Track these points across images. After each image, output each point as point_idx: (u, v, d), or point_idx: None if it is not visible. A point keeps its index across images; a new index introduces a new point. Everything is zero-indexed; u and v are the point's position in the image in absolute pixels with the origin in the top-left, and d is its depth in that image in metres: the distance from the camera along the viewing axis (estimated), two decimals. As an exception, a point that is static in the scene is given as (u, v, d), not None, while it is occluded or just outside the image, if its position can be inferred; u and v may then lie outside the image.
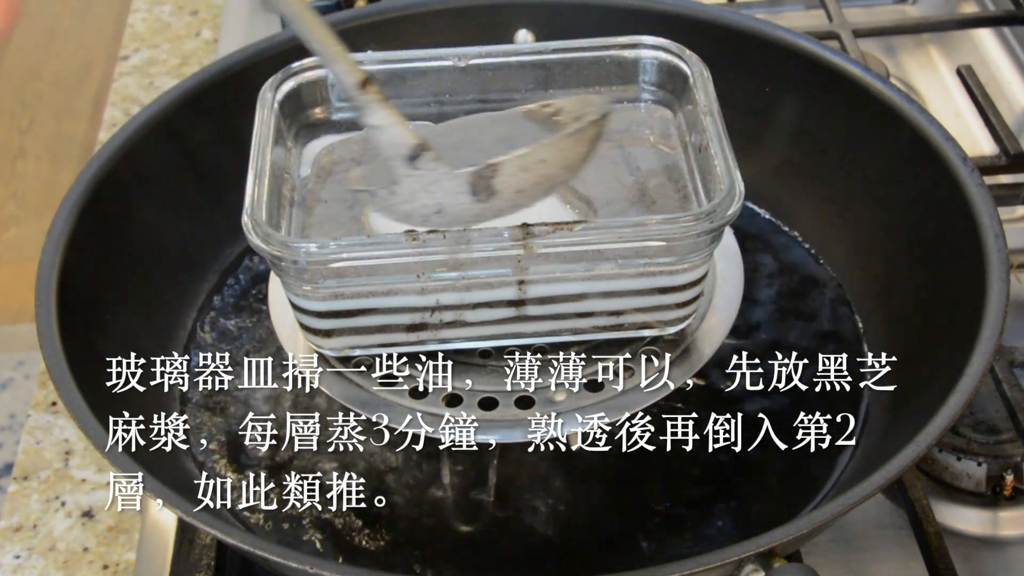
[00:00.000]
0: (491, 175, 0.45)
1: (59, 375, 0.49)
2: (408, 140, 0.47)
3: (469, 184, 0.45)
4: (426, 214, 0.47)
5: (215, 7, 0.98)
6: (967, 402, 0.47)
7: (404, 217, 0.47)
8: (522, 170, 0.45)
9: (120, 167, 0.59)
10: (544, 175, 0.46)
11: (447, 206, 0.46)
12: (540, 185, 0.46)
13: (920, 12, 0.93)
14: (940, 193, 0.56)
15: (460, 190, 0.46)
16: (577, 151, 0.47)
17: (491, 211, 0.46)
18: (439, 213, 0.46)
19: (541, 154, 0.46)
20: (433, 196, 0.46)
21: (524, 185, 0.46)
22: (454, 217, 0.46)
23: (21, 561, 0.60)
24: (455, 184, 0.46)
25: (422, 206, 0.46)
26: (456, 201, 0.46)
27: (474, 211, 0.46)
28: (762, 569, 0.43)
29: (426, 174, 0.46)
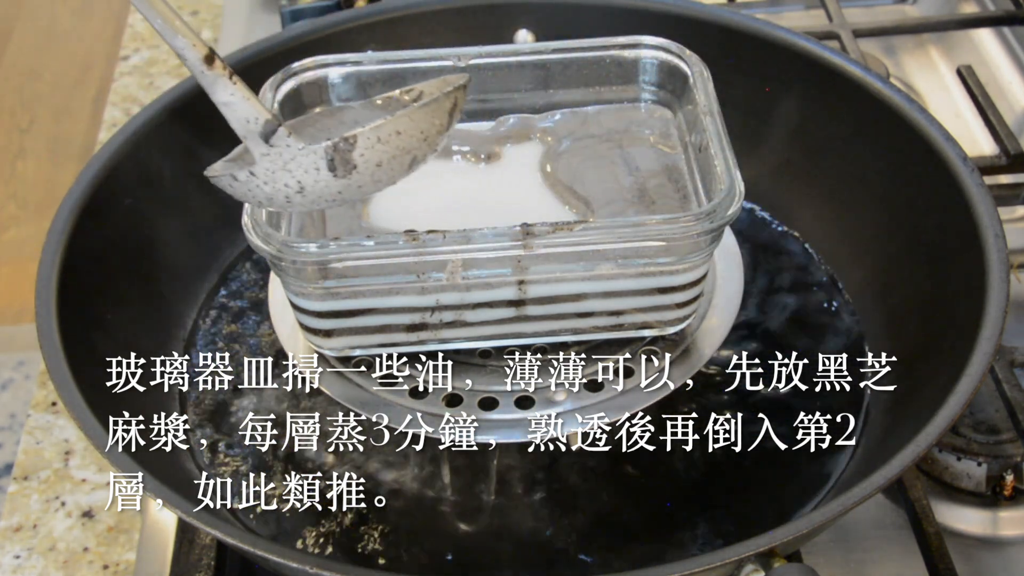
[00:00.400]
0: (348, 148, 0.44)
1: (59, 375, 0.49)
2: (261, 115, 0.45)
3: (327, 159, 0.44)
4: (288, 194, 0.45)
5: (215, 7, 0.98)
6: (967, 402, 0.47)
7: (267, 199, 0.46)
8: (379, 142, 0.45)
9: (120, 167, 0.59)
10: (401, 147, 0.45)
11: (307, 184, 0.45)
12: (398, 159, 0.46)
13: (920, 12, 0.93)
14: (940, 193, 0.56)
15: (318, 166, 0.45)
16: (434, 122, 0.46)
17: (352, 187, 0.46)
18: (300, 192, 0.45)
19: (397, 125, 0.45)
20: (292, 175, 0.45)
21: (382, 158, 0.45)
22: (316, 195, 0.45)
23: (21, 561, 0.60)
24: (312, 160, 0.45)
25: (283, 186, 0.45)
26: (316, 178, 0.45)
27: (335, 188, 0.45)
28: (762, 569, 0.43)
29: (283, 151, 0.45)
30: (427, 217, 0.52)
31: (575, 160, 0.55)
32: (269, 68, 0.55)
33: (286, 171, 0.45)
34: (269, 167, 0.45)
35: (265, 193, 0.46)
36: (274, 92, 0.54)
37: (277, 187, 0.45)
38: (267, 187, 0.45)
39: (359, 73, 0.56)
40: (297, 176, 0.45)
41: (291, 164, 0.45)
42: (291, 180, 0.45)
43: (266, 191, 0.46)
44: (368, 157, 0.45)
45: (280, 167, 0.45)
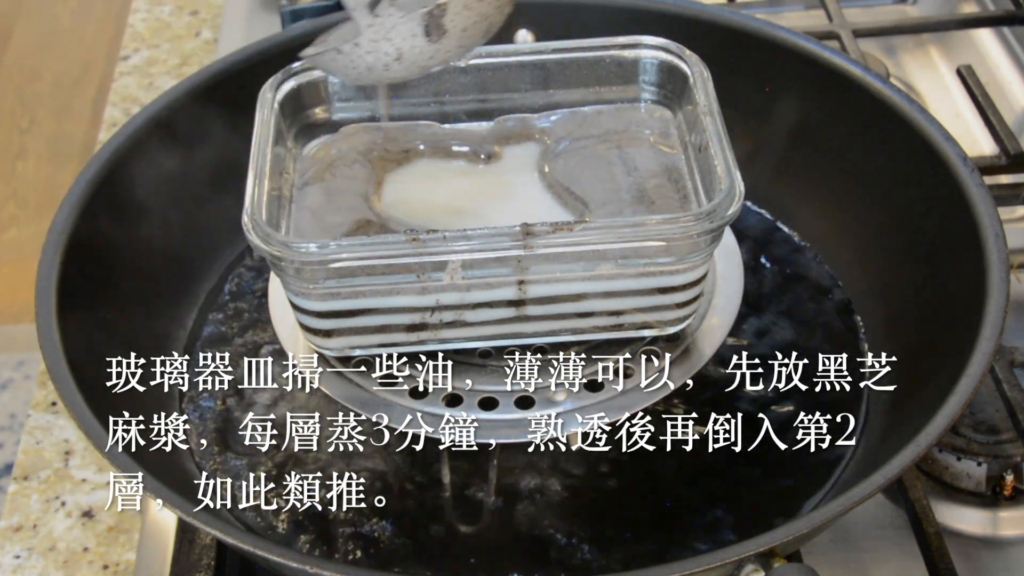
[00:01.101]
0: (440, 14, 0.49)
1: (59, 375, 0.49)
2: None
3: (423, 25, 0.49)
4: (387, 62, 0.50)
5: (215, 7, 0.98)
6: (967, 402, 0.47)
7: (367, 69, 0.50)
8: (466, 8, 0.49)
9: (120, 167, 0.59)
10: (482, 13, 0.50)
11: (405, 51, 0.49)
12: (478, 25, 0.50)
13: (920, 12, 0.93)
14: (940, 193, 0.56)
15: (416, 32, 0.49)
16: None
17: (440, 53, 0.50)
18: (398, 59, 0.50)
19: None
20: (392, 42, 0.49)
21: (467, 23, 0.49)
22: (411, 61, 0.50)
23: (21, 561, 0.60)
24: (411, 27, 0.49)
25: (383, 55, 0.49)
26: (413, 44, 0.49)
27: (428, 53, 0.50)
28: (762, 569, 0.43)
29: (385, 20, 0.49)
30: (427, 217, 0.52)
31: (573, 160, 0.55)
32: (269, 68, 0.55)
33: (387, 40, 0.49)
34: (373, 36, 0.49)
35: (366, 63, 0.50)
36: (274, 92, 0.54)
37: (378, 56, 0.50)
38: (369, 56, 0.50)
39: (359, 73, 0.56)
40: (396, 43, 0.49)
41: (391, 32, 0.49)
42: (391, 48, 0.49)
43: (367, 60, 0.50)
44: (456, 22, 0.49)
45: (382, 36, 0.49)
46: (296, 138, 0.55)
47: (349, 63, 0.50)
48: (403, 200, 0.53)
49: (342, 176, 0.54)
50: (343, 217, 0.52)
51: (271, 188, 0.50)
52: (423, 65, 0.50)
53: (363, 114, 0.57)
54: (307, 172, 0.54)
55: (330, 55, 0.50)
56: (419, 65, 0.50)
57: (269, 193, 0.49)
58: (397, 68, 0.50)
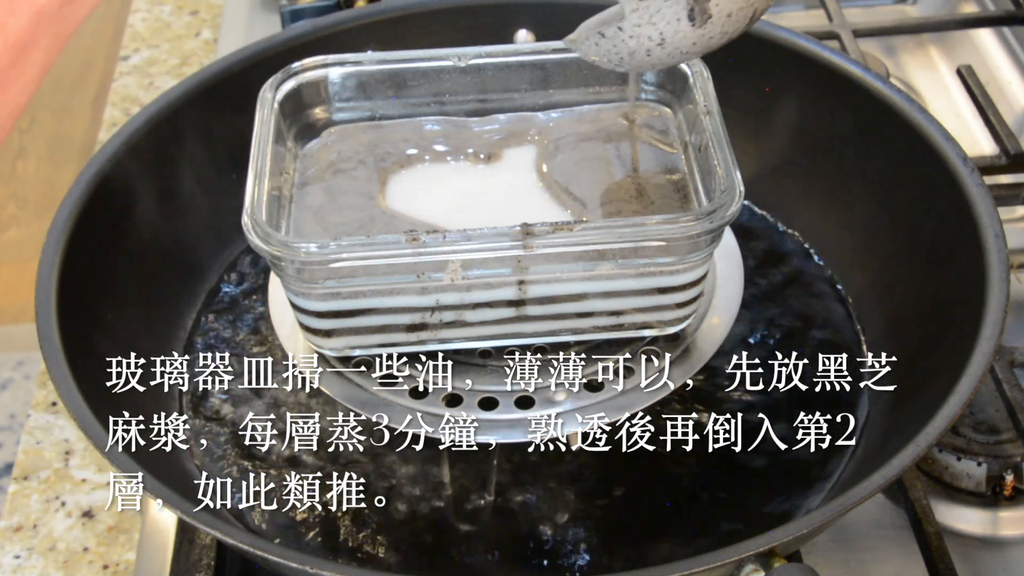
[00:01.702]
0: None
1: (59, 375, 0.49)
2: None
3: (688, 9, 0.48)
4: (649, 47, 0.49)
5: (215, 7, 0.98)
6: (967, 402, 0.47)
7: (629, 54, 0.49)
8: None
9: (120, 167, 0.59)
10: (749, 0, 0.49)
11: (668, 35, 0.48)
12: (744, 11, 0.49)
13: (920, 12, 0.93)
14: (940, 193, 0.56)
15: (679, 16, 0.48)
16: None
17: (704, 39, 0.49)
18: (661, 44, 0.49)
19: None
20: (656, 27, 0.48)
21: (732, 8, 0.48)
22: (673, 47, 0.49)
23: (21, 561, 0.60)
24: (676, 10, 0.48)
25: (646, 39, 0.49)
26: (676, 28, 0.48)
27: (691, 39, 0.49)
28: (762, 569, 0.43)
29: (650, 4, 0.48)
30: (431, 216, 0.52)
31: (573, 160, 0.55)
32: (269, 68, 0.55)
33: (651, 24, 0.48)
34: (637, 21, 0.48)
35: (628, 48, 0.49)
36: (274, 92, 0.54)
37: (640, 40, 0.49)
38: (632, 41, 0.49)
39: (359, 73, 0.56)
40: (660, 28, 0.48)
41: (656, 16, 0.48)
42: (654, 32, 0.48)
43: (630, 45, 0.49)
44: (722, 7, 0.48)
45: (647, 20, 0.48)
46: (296, 138, 0.55)
47: (611, 48, 0.50)
48: (406, 199, 0.53)
49: (344, 176, 0.54)
50: (346, 216, 0.52)
51: (271, 188, 0.50)
52: (685, 51, 0.49)
53: (363, 114, 0.57)
54: (307, 172, 0.54)
55: (593, 39, 0.50)
56: (681, 51, 0.49)
57: (269, 193, 0.49)
58: (659, 53, 0.49)
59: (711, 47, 0.50)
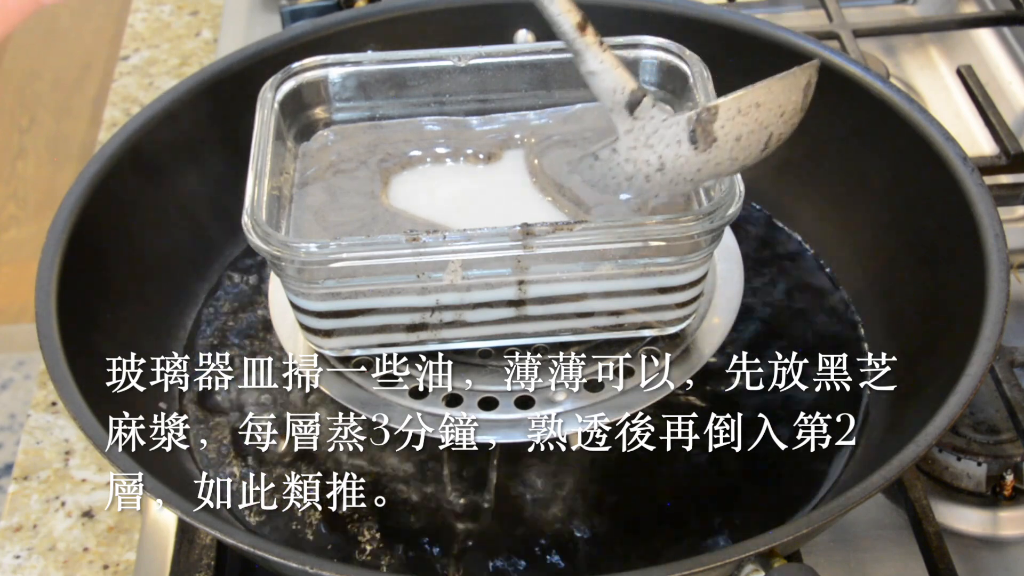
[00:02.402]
0: (710, 119, 0.44)
1: (59, 375, 0.49)
2: (627, 84, 0.46)
3: (689, 130, 0.44)
4: (648, 172, 0.46)
5: (215, 7, 0.98)
6: (967, 402, 0.47)
7: (626, 180, 0.46)
8: (740, 114, 0.44)
9: (120, 167, 0.59)
10: (760, 121, 0.45)
11: (667, 159, 0.45)
12: (756, 135, 0.45)
13: (920, 12, 0.93)
14: (940, 193, 0.56)
15: (680, 138, 0.44)
16: (791, 98, 0.45)
17: (710, 165, 0.45)
18: (660, 170, 0.45)
19: (756, 97, 0.45)
20: (654, 150, 0.45)
21: (742, 131, 0.44)
22: (674, 173, 0.45)
23: (21, 561, 0.60)
24: (675, 132, 0.45)
25: (644, 163, 0.45)
26: (677, 152, 0.45)
27: (694, 165, 0.45)
28: (762, 569, 0.43)
29: (646, 125, 0.45)
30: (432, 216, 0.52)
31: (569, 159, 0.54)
32: (269, 68, 0.55)
33: (648, 147, 0.45)
34: (631, 143, 0.45)
35: (625, 172, 0.46)
36: (274, 92, 0.54)
37: (638, 165, 0.46)
38: (627, 165, 0.46)
39: (359, 73, 0.56)
40: (659, 151, 0.45)
41: (653, 138, 0.45)
42: (652, 156, 0.45)
43: (626, 170, 0.46)
44: (728, 130, 0.44)
45: (643, 142, 0.45)
46: (296, 138, 0.55)
47: (607, 172, 0.46)
48: (408, 199, 0.53)
49: (345, 175, 0.54)
50: (347, 215, 0.52)
51: (271, 188, 0.50)
52: (689, 178, 0.45)
53: (363, 114, 0.57)
54: (307, 171, 0.54)
55: (587, 162, 0.47)
56: (685, 178, 0.45)
57: (269, 193, 0.49)
58: (659, 180, 0.45)
59: (719, 175, 0.46)
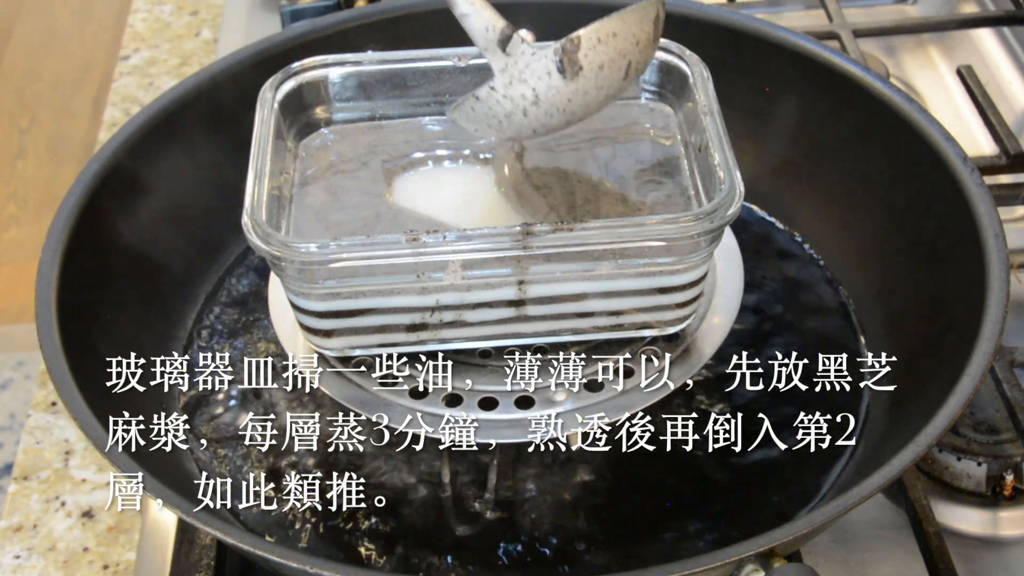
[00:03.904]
0: (574, 49, 0.47)
1: (59, 375, 0.49)
2: (497, 23, 0.49)
3: (556, 60, 0.47)
4: (524, 106, 0.48)
5: (215, 7, 0.98)
6: (967, 402, 0.47)
7: (506, 117, 0.49)
8: (600, 42, 0.48)
9: (120, 167, 0.59)
10: (618, 49, 0.48)
11: (540, 91, 0.48)
12: (616, 63, 0.48)
13: (920, 12, 0.93)
14: (940, 193, 0.56)
15: (550, 69, 0.48)
16: (643, 28, 0.49)
17: (580, 93, 0.48)
18: (536, 103, 0.48)
19: (611, 26, 0.48)
20: (527, 83, 0.48)
21: (603, 59, 0.48)
22: (549, 104, 0.48)
23: (21, 561, 0.60)
24: (544, 64, 0.48)
25: (520, 97, 0.48)
26: (548, 84, 0.48)
27: (565, 94, 0.48)
28: (762, 569, 0.43)
29: (518, 60, 0.48)
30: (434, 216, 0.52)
31: (567, 159, 0.54)
32: (269, 68, 0.55)
33: (522, 81, 0.48)
34: (506, 80, 0.48)
35: (504, 109, 0.49)
36: (274, 92, 0.54)
37: (515, 100, 0.48)
38: (505, 102, 0.49)
39: (359, 73, 0.56)
40: (532, 84, 0.48)
41: (526, 72, 0.48)
42: (527, 90, 0.48)
43: (505, 107, 0.49)
44: (591, 58, 0.47)
45: (516, 77, 0.48)
46: (296, 138, 0.55)
47: (488, 111, 0.49)
48: (409, 199, 0.53)
49: (345, 175, 0.54)
50: (349, 214, 0.52)
51: (271, 188, 0.50)
52: (561, 109, 0.48)
53: (363, 114, 0.57)
54: (307, 171, 0.54)
55: (469, 104, 0.50)
56: (558, 108, 0.48)
57: (269, 193, 0.49)
58: (535, 114, 0.48)
59: (589, 106, 0.49)
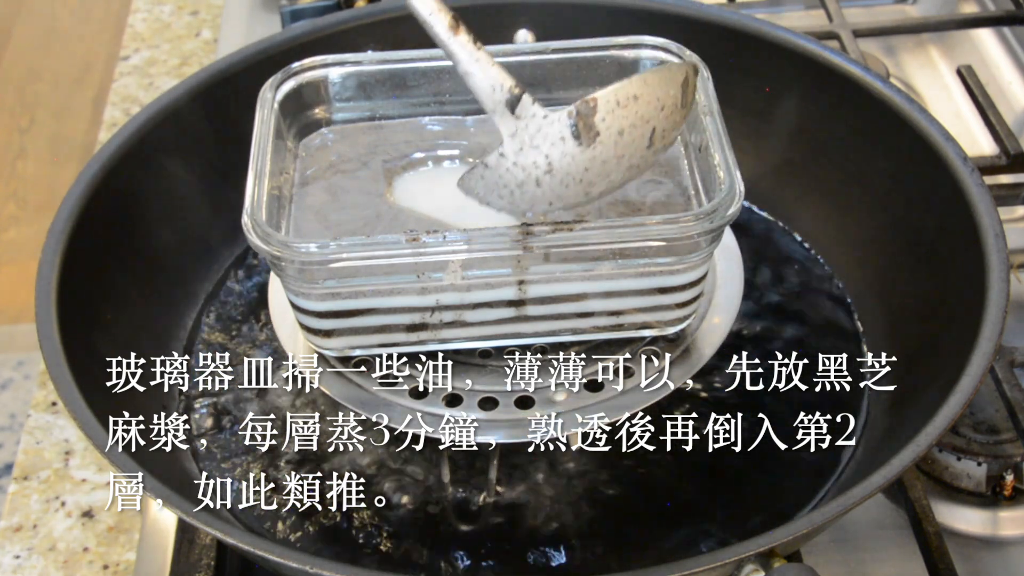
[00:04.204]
0: (589, 113, 0.44)
1: (59, 375, 0.49)
2: (505, 82, 0.46)
3: (571, 124, 0.44)
4: (537, 175, 0.45)
5: (215, 7, 0.98)
6: (967, 402, 0.47)
7: (518, 186, 0.45)
8: (619, 106, 0.44)
9: (120, 167, 0.59)
10: (640, 114, 0.45)
11: (554, 158, 0.45)
12: (639, 128, 0.45)
13: (920, 12, 0.93)
14: (940, 193, 0.56)
15: (563, 135, 0.44)
16: (668, 91, 0.46)
17: (597, 163, 0.45)
18: (549, 172, 0.45)
19: (632, 89, 0.45)
20: (539, 149, 0.45)
21: (623, 125, 0.44)
22: (564, 173, 0.45)
23: (21, 561, 0.60)
24: (558, 128, 0.44)
25: (532, 164, 0.45)
26: (562, 150, 0.44)
27: (582, 162, 0.44)
28: (762, 569, 0.43)
29: (529, 124, 0.45)
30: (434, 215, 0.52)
31: None
32: (269, 68, 0.55)
33: (533, 147, 0.45)
34: (517, 146, 0.45)
35: (516, 179, 0.45)
36: (274, 92, 0.54)
37: (527, 169, 0.45)
38: (517, 170, 0.45)
39: (359, 73, 0.56)
40: (544, 150, 0.45)
41: (537, 137, 0.45)
42: (539, 157, 0.45)
43: (517, 176, 0.45)
44: (609, 123, 0.44)
45: (528, 143, 0.45)
46: (296, 138, 0.55)
47: (498, 180, 0.46)
48: (409, 199, 0.53)
49: (345, 175, 0.54)
50: (349, 214, 0.52)
51: (271, 188, 0.50)
52: (579, 179, 0.45)
53: (363, 114, 0.57)
54: (307, 171, 0.54)
55: (479, 172, 0.46)
56: (574, 179, 0.45)
57: (269, 193, 0.49)
58: (550, 184, 0.45)
59: (609, 177, 0.46)
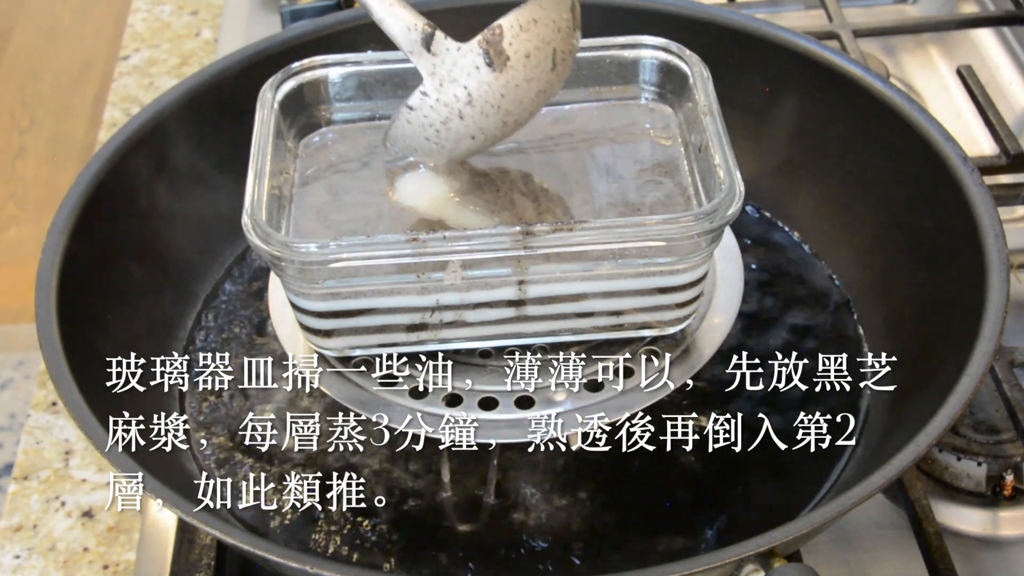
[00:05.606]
0: (497, 39, 0.46)
1: (59, 375, 0.49)
2: (418, 21, 0.48)
3: (483, 54, 0.46)
4: (460, 108, 0.47)
5: (215, 7, 0.98)
6: (967, 402, 0.47)
7: (443, 123, 0.47)
8: (522, 29, 0.46)
9: (120, 167, 0.59)
10: (542, 37, 0.47)
11: (472, 88, 0.46)
12: (542, 50, 0.47)
13: (920, 12, 0.93)
14: (940, 193, 0.56)
15: (477, 63, 0.46)
16: (562, 15, 0.48)
17: (511, 87, 0.47)
18: (470, 103, 0.46)
19: (530, 13, 0.47)
20: (458, 82, 0.46)
21: (529, 48, 0.46)
22: (483, 102, 0.47)
23: (21, 561, 0.60)
24: (471, 58, 0.46)
25: (453, 98, 0.47)
26: (479, 79, 0.46)
27: (497, 89, 0.46)
28: (762, 569, 0.43)
29: (445, 59, 0.46)
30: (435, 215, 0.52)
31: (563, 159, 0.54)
32: (269, 68, 0.55)
33: (451, 80, 0.46)
34: (436, 82, 0.47)
35: (440, 116, 0.47)
36: (274, 92, 0.54)
37: (449, 104, 0.47)
38: (440, 106, 0.47)
39: (359, 73, 0.56)
40: (463, 82, 0.46)
41: (455, 70, 0.46)
42: (459, 90, 0.46)
43: (441, 113, 0.47)
44: (516, 47, 0.46)
45: (446, 78, 0.46)
46: (296, 138, 0.55)
47: (423, 120, 0.47)
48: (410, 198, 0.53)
49: (346, 175, 0.54)
50: (350, 213, 0.52)
51: (271, 188, 0.50)
52: (497, 106, 0.47)
53: (363, 114, 0.57)
54: (307, 171, 0.54)
55: (404, 117, 0.48)
56: (493, 106, 0.47)
57: (269, 193, 0.49)
58: (471, 115, 0.46)
59: (522, 103, 0.47)
